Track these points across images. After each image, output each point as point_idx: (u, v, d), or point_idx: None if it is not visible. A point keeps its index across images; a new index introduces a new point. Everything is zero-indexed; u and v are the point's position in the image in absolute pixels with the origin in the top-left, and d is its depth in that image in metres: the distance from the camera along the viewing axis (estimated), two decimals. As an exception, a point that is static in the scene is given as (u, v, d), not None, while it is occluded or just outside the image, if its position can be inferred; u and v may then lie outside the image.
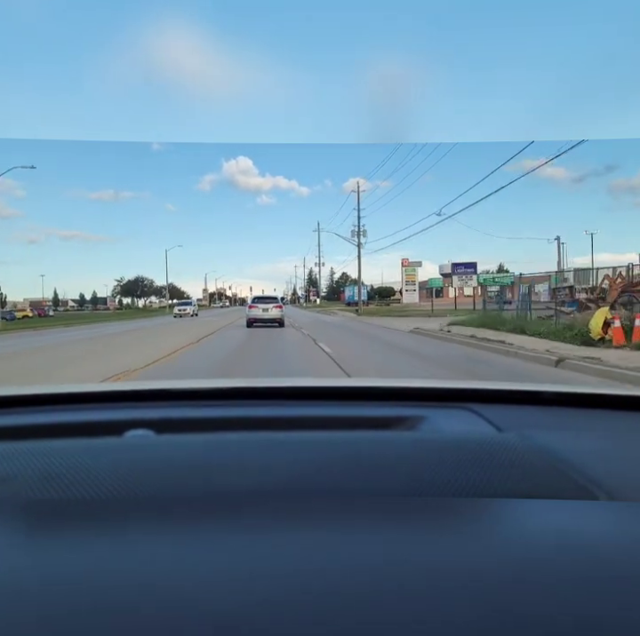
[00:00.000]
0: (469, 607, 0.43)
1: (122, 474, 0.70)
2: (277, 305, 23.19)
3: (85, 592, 0.45)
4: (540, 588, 0.45)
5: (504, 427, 0.98)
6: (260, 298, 24.17)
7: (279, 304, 23.38)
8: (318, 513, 0.61)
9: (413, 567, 0.49)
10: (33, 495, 0.67)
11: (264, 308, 22.68)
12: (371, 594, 0.44)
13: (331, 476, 0.73)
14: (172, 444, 0.87)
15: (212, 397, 1.21)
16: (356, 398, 1.24)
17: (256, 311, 22.79)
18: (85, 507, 0.64)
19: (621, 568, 0.49)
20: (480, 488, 0.69)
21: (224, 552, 0.52)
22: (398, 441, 0.88)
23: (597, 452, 0.87)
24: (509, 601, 0.44)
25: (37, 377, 9.14)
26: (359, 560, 0.50)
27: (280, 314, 22.54)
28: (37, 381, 8.45)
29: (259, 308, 22.80)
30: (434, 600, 0.44)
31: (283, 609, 0.42)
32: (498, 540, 0.56)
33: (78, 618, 0.42)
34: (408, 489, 0.69)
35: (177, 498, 0.67)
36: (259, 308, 22.80)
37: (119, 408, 1.15)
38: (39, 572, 0.48)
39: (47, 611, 0.42)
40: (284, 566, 0.49)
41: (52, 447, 0.80)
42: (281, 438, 0.89)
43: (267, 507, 0.62)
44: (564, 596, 0.44)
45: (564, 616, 0.42)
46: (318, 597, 0.44)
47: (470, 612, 0.42)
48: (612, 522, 0.60)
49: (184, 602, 0.43)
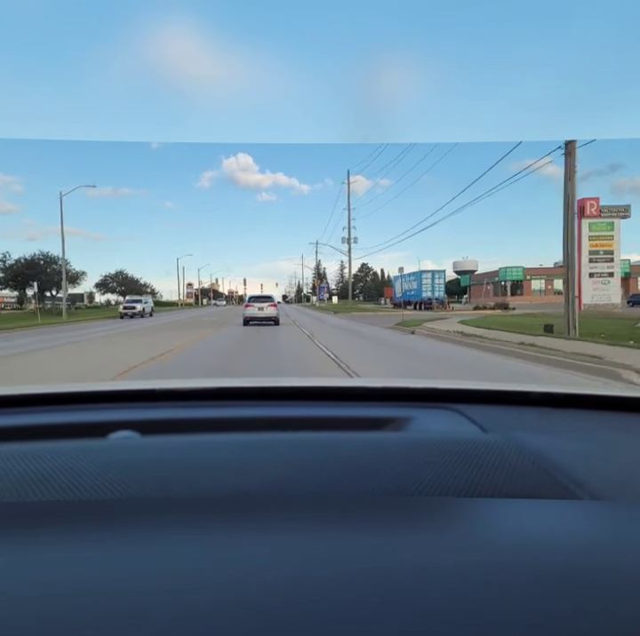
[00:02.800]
0: (455, 606, 0.43)
1: (106, 477, 0.70)
2: (272, 303, 24.31)
3: (68, 594, 0.45)
4: (524, 587, 0.45)
5: (489, 428, 0.99)
6: (256, 298, 25.21)
7: (274, 303, 24.53)
8: (305, 515, 0.61)
9: (398, 566, 0.49)
10: (15, 498, 0.66)
11: (259, 307, 23.90)
12: (360, 596, 0.44)
13: (317, 477, 0.73)
14: (157, 446, 0.86)
15: (197, 397, 1.20)
16: (343, 398, 1.23)
17: (252, 309, 23.94)
18: (69, 510, 0.63)
19: (604, 567, 0.50)
20: (465, 488, 0.69)
21: (211, 554, 0.52)
22: (385, 442, 0.88)
23: (581, 452, 0.87)
24: (492, 601, 0.44)
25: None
26: (347, 560, 0.50)
27: (275, 313, 23.73)
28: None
29: (254, 307, 23.99)
30: (421, 599, 0.44)
31: (273, 613, 0.42)
32: (482, 539, 0.56)
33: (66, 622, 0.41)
34: (395, 490, 0.69)
35: (163, 500, 0.66)
36: (254, 307, 23.99)
37: (103, 409, 1.13)
38: (23, 576, 0.48)
39: (35, 614, 0.42)
40: (272, 568, 0.49)
41: (34, 449, 0.79)
42: (267, 439, 0.89)
43: (253, 509, 0.62)
44: (547, 596, 0.44)
45: (548, 616, 0.42)
46: (310, 599, 0.44)
47: (455, 611, 0.42)
48: (595, 522, 0.61)
49: (169, 604, 0.43)
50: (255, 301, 24.44)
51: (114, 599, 0.44)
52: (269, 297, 25.54)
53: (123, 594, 0.45)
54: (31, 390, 1.19)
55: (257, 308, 23.80)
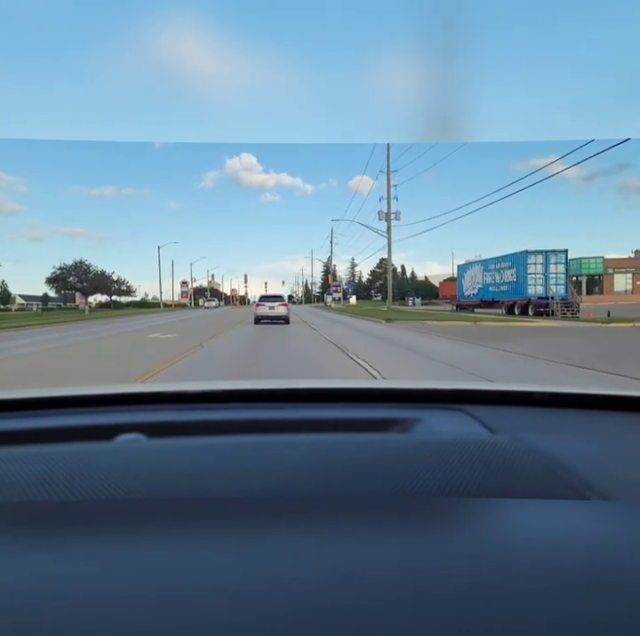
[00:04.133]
0: (465, 607, 0.43)
1: (113, 479, 0.70)
2: (283, 303, 24.65)
3: (78, 596, 0.45)
4: (533, 588, 0.45)
5: (497, 429, 0.99)
6: (267, 297, 25.67)
7: (285, 302, 24.88)
8: (313, 517, 0.61)
9: (410, 568, 0.49)
10: (23, 499, 0.66)
11: (270, 306, 24.28)
12: (369, 597, 0.44)
13: (325, 480, 0.73)
14: (163, 448, 0.86)
15: (204, 400, 1.21)
16: (350, 400, 1.24)
17: (263, 309, 24.30)
18: (76, 512, 0.64)
19: (613, 568, 0.49)
20: (473, 488, 0.69)
21: (217, 556, 0.52)
22: (393, 444, 0.88)
23: (589, 453, 0.87)
24: (502, 602, 0.44)
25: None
26: (357, 562, 0.50)
27: (285, 312, 24.11)
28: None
29: (265, 306, 24.35)
30: (434, 600, 0.44)
31: (283, 618, 0.42)
32: (491, 540, 0.56)
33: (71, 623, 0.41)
34: (403, 491, 0.69)
35: (169, 503, 0.66)
36: (265, 306, 24.35)
37: (111, 411, 1.14)
38: (33, 577, 0.48)
39: (44, 616, 0.42)
40: (278, 572, 0.49)
41: (43, 452, 0.80)
42: (274, 441, 0.89)
43: (261, 512, 0.62)
44: (556, 596, 0.44)
45: (557, 617, 0.42)
46: (323, 604, 0.44)
47: (466, 612, 0.42)
48: (604, 522, 0.60)
49: (173, 608, 0.42)
50: (266, 301, 24.86)
51: (118, 602, 0.44)
52: (280, 296, 26.01)
53: (127, 597, 0.45)
54: (40, 394, 1.20)
55: (268, 308, 24.24)
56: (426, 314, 32.39)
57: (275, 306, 24.31)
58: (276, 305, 24.39)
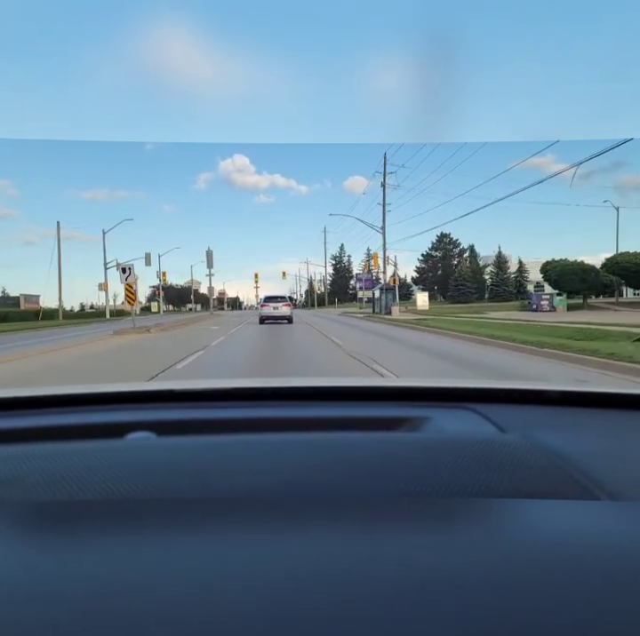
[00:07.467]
0: (476, 606, 0.43)
1: (122, 477, 0.70)
2: (286, 303, 26.71)
3: (88, 593, 0.45)
4: (543, 588, 0.45)
5: (507, 428, 0.99)
6: (271, 298, 27.44)
7: (288, 303, 26.93)
8: (320, 516, 0.61)
9: (419, 568, 0.49)
10: (36, 498, 0.67)
11: (274, 306, 26.22)
12: (375, 597, 0.44)
13: (334, 479, 0.73)
14: (172, 446, 0.87)
15: (212, 398, 1.22)
16: (358, 398, 1.23)
17: (268, 309, 26.29)
18: (87, 510, 0.64)
19: (624, 568, 0.49)
20: (483, 488, 0.69)
21: (226, 554, 0.52)
22: (402, 443, 0.88)
23: (600, 452, 0.86)
24: (513, 601, 0.44)
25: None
26: (364, 562, 0.50)
27: (289, 312, 26.01)
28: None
29: (270, 306, 26.32)
30: (445, 600, 0.44)
31: (292, 617, 0.42)
32: (502, 540, 0.55)
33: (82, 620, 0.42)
34: (411, 491, 0.69)
35: (177, 501, 0.66)
36: (270, 306, 26.32)
37: (122, 409, 1.15)
38: (43, 574, 0.48)
39: (53, 612, 0.43)
40: (285, 570, 0.49)
41: (54, 449, 0.81)
42: (283, 440, 0.89)
43: (267, 510, 0.62)
44: (566, 596, 0.44)
45: (567, 617, 0.42)
46: (317, 601, 0.44)
47: (476, 612, 0.42)
48: (615, 523, 0.60)
49: (183, 606, 0.43)
50: (270, 301, 26.67)
51: (127, 599, 0.44)
52: (283, 297, 27.79)
53: (137, 594, 0.45)
54: (51, 391, 1.21)
55: (272, 308, 26.06)
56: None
57: (279, 306, 26.05)
58: (279, 305, 26.13)
